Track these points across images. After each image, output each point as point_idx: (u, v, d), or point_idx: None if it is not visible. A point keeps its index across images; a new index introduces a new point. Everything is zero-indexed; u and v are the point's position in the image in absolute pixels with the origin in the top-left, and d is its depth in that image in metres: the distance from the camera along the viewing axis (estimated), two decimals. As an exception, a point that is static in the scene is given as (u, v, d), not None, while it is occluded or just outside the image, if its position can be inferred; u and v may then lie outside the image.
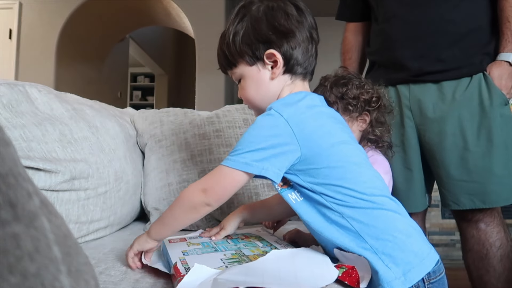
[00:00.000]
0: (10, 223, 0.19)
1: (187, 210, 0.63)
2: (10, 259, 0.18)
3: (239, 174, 0.61)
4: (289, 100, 0.68)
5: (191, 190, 0.63)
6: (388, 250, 0.61)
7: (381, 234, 0.62)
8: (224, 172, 0.62)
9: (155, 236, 0.65)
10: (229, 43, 0.70)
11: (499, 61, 1.03)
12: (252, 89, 0.71)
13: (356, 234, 0.62)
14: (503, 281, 1.06)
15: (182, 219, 0.64)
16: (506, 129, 1.02)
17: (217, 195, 0.62)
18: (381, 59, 1.17)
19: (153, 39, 5.37)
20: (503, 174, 1.01)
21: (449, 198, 1.06)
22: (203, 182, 0.63)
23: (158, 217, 0.67)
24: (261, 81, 0.70)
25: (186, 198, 0.62)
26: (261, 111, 0.70)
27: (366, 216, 0.62)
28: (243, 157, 0.60)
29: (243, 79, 0.72)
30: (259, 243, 0.75)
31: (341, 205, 0.63)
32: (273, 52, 0.67)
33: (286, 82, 0.70)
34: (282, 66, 0.68)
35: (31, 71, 3.35)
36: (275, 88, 0.70)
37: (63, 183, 0.77)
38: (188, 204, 0.62)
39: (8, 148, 0.23)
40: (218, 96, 3.39)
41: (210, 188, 0.62)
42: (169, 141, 1.18)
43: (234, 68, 0.72)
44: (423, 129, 1.09)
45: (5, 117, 0.73)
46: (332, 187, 0.63)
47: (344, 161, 0.65)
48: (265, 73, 0.69)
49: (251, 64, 0.70)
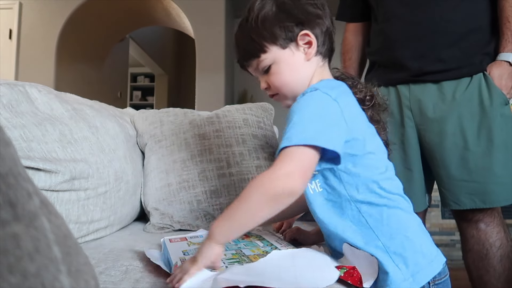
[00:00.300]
0: (10, 223, 0.19)
1: (266, 201, 0.54)
2: (10, 259, 0.18)
3: (311, 151, 0.57)
4: (330, 83, 0.67)
5: (271, 178, 0.54)
6: (399, 250, 0.61)
7: (394, 233, 0.62)
8: (299, 151, 0.56)
9: (222, 239, 0.56)
10: (259, 28, 0.67)
11: (499, 61, 1.03)
12: (286, 73, 0.68)
13: (370, 231, 0.62)
14: (503, 281, 1.06)
15: (258, 213, 0.55)
16: (506, 129, 1.02)
17: (301, 178, 0.55)
18: (381, 59, 1.17)
19: (153, 39, 5.37)
20: (503, 174, 1.01)
21: (449, 198, 1.06)
22: (280, 167, 0.55)
23: (218, 217, 0.57)
24: (296, 64, 0.68)
25: (264, 188, 0.54)
26: (294, 96, 0.68)
27: (382, 214, 0.62)
28: (307, 132, 0.57)
29: (275, 64, 0.68)
30: (260, 243, 0.75)
31: (361, 200, 0.62)
32: (307, 33, 0.66)
33: (319, 63, 0.70)
34: (316, 47, 0.67)
35: (31, 71, 3.35)
36: (309, 70, 0.69)
37: (63, 183, 0.77)
38: (272, 194, 0.54)
39: (8, 148, 0.23)
40: (218, 96, 3.39)
41: (294, 169, 0.55)
42: (169, 141, 1.18)
43: (264, 54, 0.68)
44: (423, 129, 1.09)
45: (5, 117, 0.73)
46: (360, 177, 0.63)
47: (376, 152, 0.66)
48: (299, 55, 0.68)
49: (284, 47, 0.68)
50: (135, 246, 0.85)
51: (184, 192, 1.09)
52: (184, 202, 1.08)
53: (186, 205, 1.08)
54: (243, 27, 0.70)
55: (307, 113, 0.60)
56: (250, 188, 0.55)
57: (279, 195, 0.54)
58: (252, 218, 0.55)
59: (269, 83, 0.71)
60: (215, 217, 1.08)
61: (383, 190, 0.63)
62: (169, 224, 1.05)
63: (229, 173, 1.12)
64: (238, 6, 4.02)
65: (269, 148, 1.23)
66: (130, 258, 0.74)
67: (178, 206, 1.07)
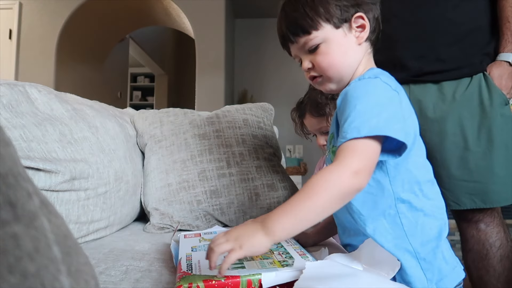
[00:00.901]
0: (10, 223, 0.19)
1: (336, 198, 0.52)
2: (10, 259, 0.18)
3: (377, 144, 0.55)
4: (385, 73, 0.65)
5: (340, 175, 0.52)
6: (429, 257, 0.59)
7: (426, 240, 0.60)
8: (368, 145, 0.53)
9: (284, 235, 0.52)
10: (315, 3, 0.63)
11: (499, 61, 1.03)
12: (337, 53, 0.64)
13: (403, 234, 0.60)
14: (503, 281, 1.06)
15: (327, 209, 0.52)
16: (507, 129, 1.02)
17: (370, 174, 0.54)
18: (381, 59, 1.17)
19: (153, 39, 5.37)
20: (503, 174, 1.01)
21: (449, 198, 1.06)
22: (349, 163, 0.52)
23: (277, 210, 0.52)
24: (347, 46, 0.65)
25: (334, 184, 0.51)
26: (339, 81, 0.66)
27: (417, 219, 0.61)
28: (377, 122, 0.54)
29: (325, 43, 0.64)
30: None
31: (402, 199, 0.60)
32: (362, 16, 0.64)
33: (367, 50, 0.68)
34: (368, 32, 0.65)
35: (31, 71, 3.35)
36: (358, 55, 0.66)
37: (63, 183, 0.77)
38: (339, 191, 0.51)
39: (8, 148, 0.23)
40: (218, 96, 3.39)
41: (363, 167, 0.52)
42: (169, 141, 1.18)
43: (315, 32, 0.64)
44: (423, 129, 1.09)
45: (5, 117, 0.73)
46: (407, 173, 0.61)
47: (422, 149, 0.65)
48: (350, 38, 0.65)
49: (337, 27, 0.64)
50: (135, 246, 0.85)
51: (184, 192, 1.09)
52: (184, 202, 1.08)
53: (186, 205, 1.08)
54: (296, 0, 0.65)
55: (372, 101, 0.57)
56: (317, 185, 0.52)
57: (348, 193, 0.52)
58: (317, 216, 0.52)
59: (314, 64, 0.66)
60: (215, 217, 1.08)
61: (422, 193, 0.61)
62: (169, 224, 1.05)
63: (229, 173, 1.12)
64: (238, 6, 4.02)
65: (269, 148, 1.23)
66: (130, 258, 0.74)
67: (178, 206, 1.07)
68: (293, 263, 0.61)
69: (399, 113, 0.58)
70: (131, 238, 0.95)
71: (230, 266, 0.57)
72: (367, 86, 0.59)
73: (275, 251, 0.67)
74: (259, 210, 1.11)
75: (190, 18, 3.42)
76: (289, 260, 0.62)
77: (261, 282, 0.54)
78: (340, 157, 0.53)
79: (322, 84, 0.69)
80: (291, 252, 0.66)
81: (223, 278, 0.53)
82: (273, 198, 1.12)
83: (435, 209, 0.63)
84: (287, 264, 0.60)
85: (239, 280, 0.53)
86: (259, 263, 0.61)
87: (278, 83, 4.14)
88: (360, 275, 0.54)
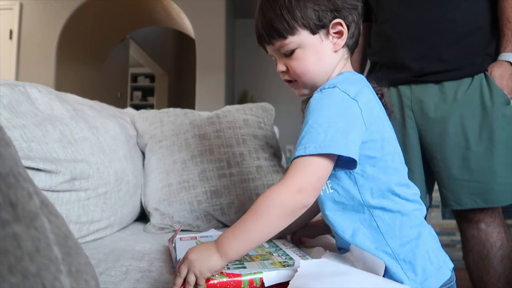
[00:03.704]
0: (11, 223, 0.19)
1: (282, 217, 0.53)
2: (10, 259, 0.18)
3: (326, 160, 0.55)
4: (350, 77, 0.64)
5: (283, 193, 0.53)
6: (409, 258, 0.59)
7: (405, 240, 0.60)
8: (314, 162, 0.54)
9: (235, 256, 0.54)
10: (293, 6, 0.61)
11: (500, 61, 1.03)
12: (312, 60, 0.63)
13: (380, 237, 0.60)
14: (503, 282, 1.06)
15: (274, 228, 0.54)
16: (508, 129, 1.02)
17: (315, 190, 0.55)
18: (382, 60, 1.17)
19: (153, 39, 5.37)
20: (505, 173, 1.01)
21: (450, 198, 1.06)
22: (292, 181, 0.54)
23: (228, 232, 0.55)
24: (323, 53, 0.64)
25: (279, 204, 0.53)
26: (313, 86, 0.65)
27: (395, 220, 0.60)
28: (322, 140, 0.54)
29: (300, 48, 0.63)
30: (265, 244, 0.75)
31: (374, 206, 0.60)
32: (340, 22, 0.62)
33: (344, 56, 0.66)
34: (345, 38, 0.63)
35: (32, 71, 3.35)
36: (334, 61, 0.65)
37: (64, 183, 0.77)
38: (283, 210, 0.53)
39: (9, 148, 0.23)
40: (218, 97, 3.39)
41: (306, 185, 0.54)
42: (170, 141, 1.18)
43: (291, 36, 0.62)
44: (424, 130, 1.09)
45: (6, 117, 0.73)
46: (375, 181, 0.60)
47: (394, 154, 0.63)
48: (327, 44, 0.63)
49: (314, 33, 0.62)
50: (135, 246, 0.85)
51: (185, 192, 1.09)
52: (185, 203, 1.08)
53: (186, 205, 1.08)
54: (275, 2, 0.62)
55: (323, 115, 0.57)
56: (263, 204, 0.54)
57: (293, 211, 0.54)
58: (266, 234, 0.54)
59: (288, 68, 0.65)
60: (216, 218, 1.08)
61: (397, 196, 0.61)
62: (169, 224, 1.05)
63: (230, 174, 1.12)
64: (238, 6, 4.02)
65: (270, 148, 1.23)
66: (131, 259, 0.74)
67: (178, 207, 1.07)
68: (294, 263, 0.61)
69: (351, 125, 0.56)
70: (132, 238, 0.95)
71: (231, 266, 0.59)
72: (322, 99, 0.59)
73: (274, 253, 0.67)
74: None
75: (190, 18, 3.42)
76: (289, 261, 0.62)
77: (263, 281, 0.54)
78: (286, 176, 0.55)
79: (296, 88, 0.69)
80: (290, 254, 0.66)
81: (225, 277, 0.53)
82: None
83: (413, 210, 0.63)
84: (288, 265, 0.60)
85: (241, 279, 0.53)
86: (259, 263, 0.61)
87: (279, 83, 4.13)
88: (354, 273, 0.55)
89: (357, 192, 0.60)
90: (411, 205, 0.63)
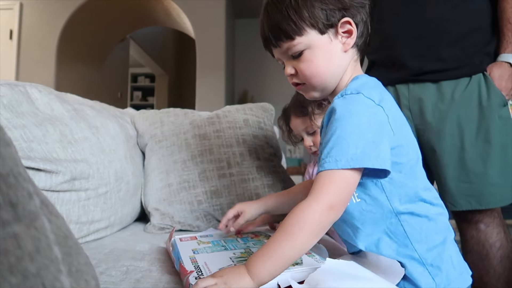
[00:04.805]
0: (11, 223, 0.19)
1: (315, 234, 0.52)
2: (10, 259, 0.18)
3: (356, 173, 0.53)
4: (368, 82, 0.63)
5: (314, 212, 0.51)
6: (437, 262, 0.58)
7: (432, 245, 0.59)
8: (342, 177, 0.52)
9: (267, 278, 0.51)
10: (300, 6, 0.59)
11: (500, 62, 1.03)
12: (322, 61, 0.61)
13: (407, 241, 0.59)
14: (503, 282, 1.05)
15: (307, 245, 0.52)
16: (504, 130, 1.02)
17: (345, 205, 0.53)
18: (380, 58, 1.17)
19: (153, 39, 5.38)
20: (499, 175, 1.01)
21: (446, 199, 1.06)
22: (324, 198, 0.52)
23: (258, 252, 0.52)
24: (333, 53, 0.61)
25: (312, 222, 0.51)
26: (323, 89, 0.64)
27: (422, 225, 0.60)
28: (354, 153, 0.52)
29: (309, 50, 0.61)
30: None
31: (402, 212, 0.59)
32: (349, 21, 0.60)
33: (353, 57, 0.64)
34: (355, 37, 0.61)
35: (32, 71, 3.36)
36: (345, 62, 0.63)
37: (64, 183, 0.78)
38: (316, 228, 0.51)
39: (9, 149, 0.23)
40: (218, 97, 3.39)
41: (338, 202, 0.52)
42: (170, 141, 1.18)
43: (299, 37, 0.60)
44: (422, 129, 1.09)
45: (6, 117, 0.73)
46: (403, 187, 0.59)
47: (416, 158, 0.62)
48: (336, 44, 0.61)
49: (323, 33, 0.60)
50: (135, 246, 0.85)
51: (185, 192, 1.09)
52: (185, 203, 1.08)
53: (186, 205, 1.08)
54: (281, 2, 0.60)
55: (351, 124, 0.54)
56: (293, 224, 0.51)
57: (323, 227, 0.52)
58: (298, 253, 0.52)
59: (297, 70, 0.63)
60: (215, 217, 1.08)
61: (423, 201, 0.61)
62: (169, 224, 1.05)
63: (230, 174, 1.12)
64: (238, 6, 4.02)
65: (270, 148, 1.23)
66: (131, 259, 0.74)
67: (178, 207, 1.08)
68: (302, 261, 0.61)
69: (380, 134, 0.55)
70: (132, 238, 0.95)
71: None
72: (348, 105, 0.56)
73: None
74: (260, 210, 1.11)
75: (190, 18, 3.42)
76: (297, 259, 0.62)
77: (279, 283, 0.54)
78: (316, 190, 0.53)
79: (305, 91, 0.67)
80: None
81: None
82: (273, 198, 1.13)
83: (438, 214, 0.62)
84: (297, 263, 0.60)
85: None
86: None
87: (279, 83, 4.14)
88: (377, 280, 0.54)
89: (385, 200, 0.59)
90: (436, 209, 0.62)
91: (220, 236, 0.82)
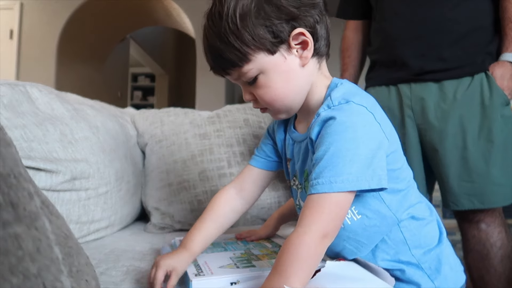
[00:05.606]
0: (12, 223, 0.19)
1: (314, 266, 0.48)
2: (11, 259, 0.18)
3: (349, 195, 0.49)
4: (353, 88, 0.57)
5: (309, 247, 0.47)
6: (434, 264, 0.58)
7: (427, 247, 0.59)
8: (336, 201, 0.48)
9: None
10: (239, 29, 0.51)
11: (502, 61, 1.03)
12: (279, 84, 0.55)
13: (405, 247, 0.58)
14: (504, 282, 1.05)
15: (308, 278, 0.48)
16: (507, 129, 1.01)
17: (338, 229, 0.50)
18: (381, 58, 1.17)
19: (153, 39, 5.37)
20: (502, 174, 1.01)
21: (449, 199, 1.06)
22: (316, 229, 0.47)
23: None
24: (290, 72, 0.55)
25: (307, 256, 0.47)
26: (288, 110, 0.58)
27: (420, 229, 0.59)
28: (349, 173, 0.48)
29: (262, 74, 0.54)
30: (268, 245, 0.75)
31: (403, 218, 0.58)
32: (302, 31, 0.53)
33: (316, 66, 0.57)
34: (312, 48, 0.54)
35: (32, 71, 3.35)
36: (307, 77, 0.56)
37: (64, 183, 0.77)
38: (314, 261, 0.48)
39: (9, 148, 0.23)
40: (218, 96, 3.39)
41: (331, 229, 0.48)
42: (170, 141, 1.18)
43: (247, 64, 0.53)
44: (424, 129, 1.09)
45: (6, 117, 0.73)
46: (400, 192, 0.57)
47: (404, 160, 0.60)
48: (292, 60, 0.54)
49: (273, 52, 0.53)
50: (136, 246, 0.85)
51: (185, 192, 1.09)
52: (185, 202, 1.08)
53: (186, 205, 1.08)
54: (215, 24, 0.53)
55: (347, 140, 0.49)
56: (288, 261, 0.46)
57: (322, 254, 0.48)
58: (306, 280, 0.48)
59: (256, 96, 0.57)
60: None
61: (417, 201, 0.60)
62: (169, 224, 1.05)
63: (230, 173, 1.12)
64: (239, 6, 4.01)
65: (270, 148, 1.23)
66: (131, 259, 0.74)
67: (178, 206, 1.07)
68: None
69: (375, 147, 0.51)
70: (132, 238, 0.95)
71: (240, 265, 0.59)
72: (342, 117, 0.50)
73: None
74: (260, 210, 1.11)
75: (190, 18, 3.42)
76: None
77: None
78: (307, 219, 0.48)
79: (271, 114, 0.60)
80: None
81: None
82: (273, 198, 1.12)
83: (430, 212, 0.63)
84: None
85: None
86: (267, 262, 0.61)
87: (279, 83, 4.12)
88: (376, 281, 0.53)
89: (387, 210, 0.56)
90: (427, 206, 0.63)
91: (219, 238, 0.82)
